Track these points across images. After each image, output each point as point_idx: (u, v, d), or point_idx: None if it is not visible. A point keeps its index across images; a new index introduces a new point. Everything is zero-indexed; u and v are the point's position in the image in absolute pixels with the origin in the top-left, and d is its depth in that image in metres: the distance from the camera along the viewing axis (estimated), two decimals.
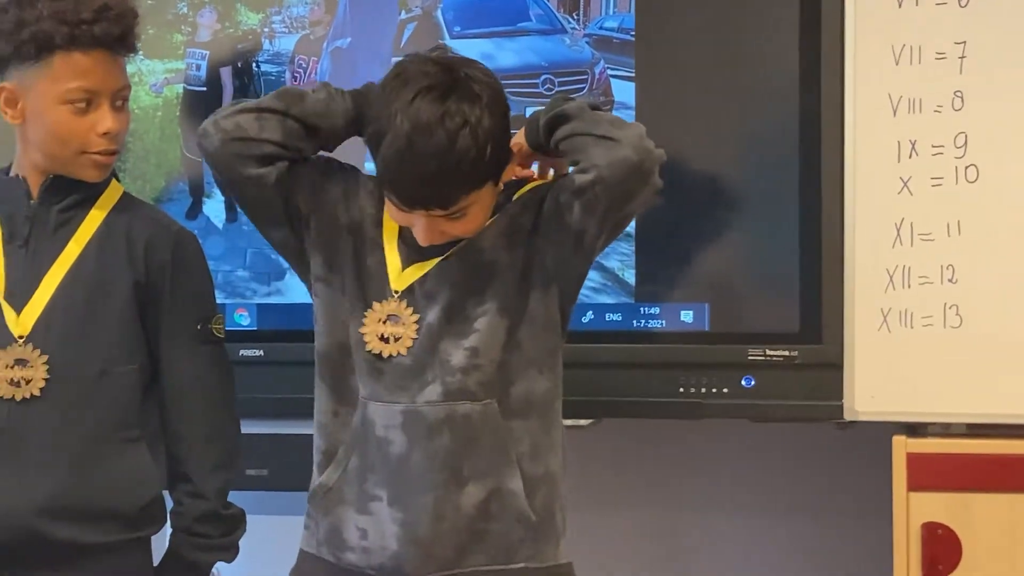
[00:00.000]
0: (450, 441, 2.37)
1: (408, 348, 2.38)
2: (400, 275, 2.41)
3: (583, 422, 2.98)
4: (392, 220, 2.40)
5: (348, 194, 2.47)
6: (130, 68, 3.03)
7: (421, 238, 2.36)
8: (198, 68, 3.22)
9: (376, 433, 2.40)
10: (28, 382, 2.46)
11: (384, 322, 2.39)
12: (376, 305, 2.40)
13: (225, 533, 2.58)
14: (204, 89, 3.22)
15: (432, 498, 2.37)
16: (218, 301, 2.68)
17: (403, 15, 3.12)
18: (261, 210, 2.46)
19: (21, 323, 2.48)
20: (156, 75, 3.22)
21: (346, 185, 2.48)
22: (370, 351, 2.40)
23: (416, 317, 2.39)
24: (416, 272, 2.41)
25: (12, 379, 2.45)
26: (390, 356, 2.38)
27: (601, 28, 3.07)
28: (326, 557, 2.46)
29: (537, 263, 2.42)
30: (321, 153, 2.48)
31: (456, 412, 2.37)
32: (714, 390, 2.98)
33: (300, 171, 2.45)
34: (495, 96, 2.32)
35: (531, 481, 2.41)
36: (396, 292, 2.40)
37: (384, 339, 2.39)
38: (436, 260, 2.40)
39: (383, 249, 2.44)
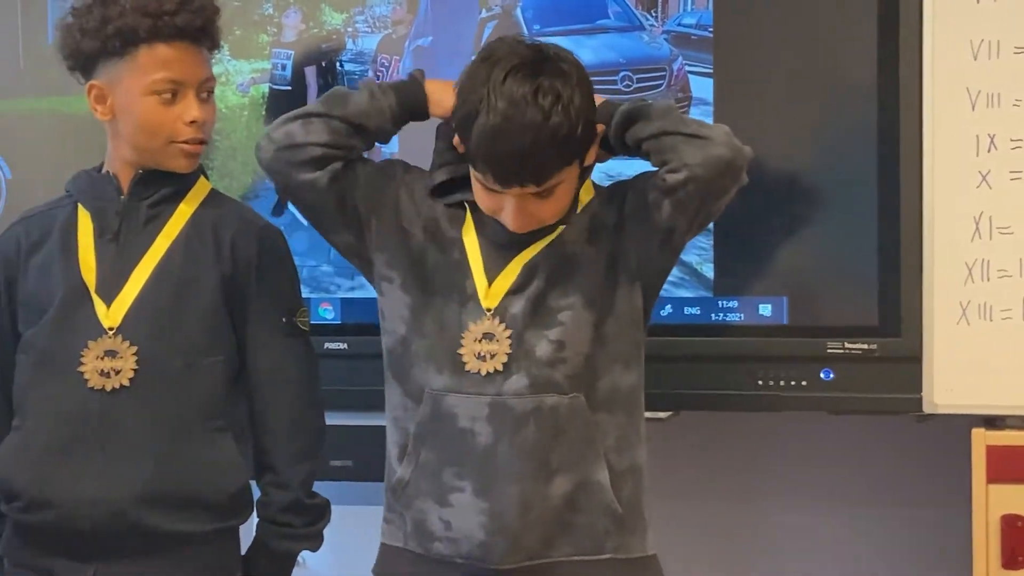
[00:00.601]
0: (537, 432, 2.40)
1: (503, 364, 2.41)
2: (488, 292, 2.44)
3: (662, 415, 2.99)
4: (481, 206, 2.43)
5: (412, 194, 2.52)
6: (217, 68, 3.09)
7: (511, 221, 2.39)
8: (283, 68, 3.26)
9: (459, 425, 2.43)
10: (118, 373, 2.51)
11: (480, 340, 2.43)
12: (472, 326, 2.43)
13: (309, 523, 2.62)
14: (289, 88, 3.25)
15: (519, 489, 2.40)
16: (303, 295, 2.72)
17: (483, 13, 3.14)
18: (320, 214, 2.52)
19: (111, 315, 2.53)
20: (243, 75, 3.27)
21: (409, 186, 2.53)
22: (468, 370, 2.42)
23: (509, 332, 2.42)
24: (504, 284, 2.44)
25: (102, 370, 2.51)
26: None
27: (679, 25, 3.08)
28: (414, 549, 2.50)
29: (622, 259, 2.45)
30: (391, 156, 2.54)
31: (544, 404, 2.40)
32: (792, 383, 2.99)
33: (358, 172, 2.50)
34: (582, 75, 2.37)
35: (617, 474, 2.44)
36: (489, 311, 2.43)
37: (481, 357, 2.42)
38: (519, 261, 2.44)
39: (464, 249, 2.48)
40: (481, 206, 2.43)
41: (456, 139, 2.42)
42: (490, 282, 2.45)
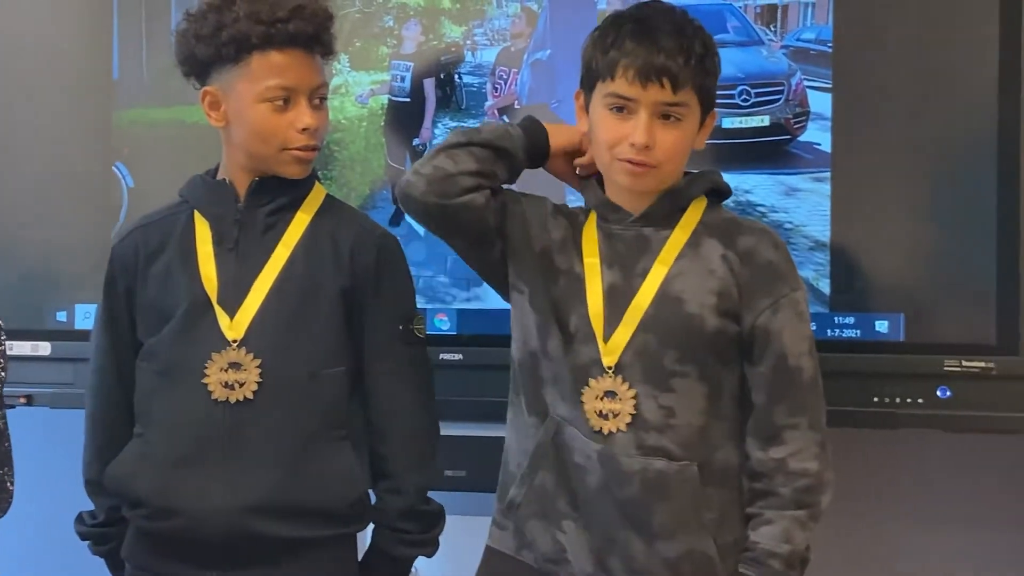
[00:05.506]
0: (641, 494, 2.39)
1: (628, 424, 2.39)
2: (606, 347, 2.41)
3: None
4: (604, 144, 2.41)
5: (538, 218, 2.52)
6: (337, 80, 3.13)
7: (640, 135, 2.36)
8: (402, 79, 3.28)
9: (574, 459, 2.43)
10: (242, 385, 2.53)
11: (601, 398, 2.41)
12: (592, 382, 2.41)
13: (425, 529, 2.64)
14: (408, 100, 3.28)
15: (622, 541, 2.40)
16: (419, 306, 2.73)
17: None
18: (475, 234, 2.49)
19: (234, 327, 2.55)
20: (362, 86, 3.29)
21: (534, 210, 2.53)
22: (591, 428, 2.41)
23: (633, 392, 2.40)
24: (623, 338, 2.41)
25: (226, 382, 2.53)
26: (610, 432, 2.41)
27: (798, 40, 3.08)
28: (527, 561, 2.50)
29: (744, 348, 2.43)
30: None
31: (651, 467, 2.38)
32: (908, 400, 2.97)
33: (498, 197, 2.50)
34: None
35: (721, 548, 2.41)
36: (609, 368, 2.41)
37: (603, 416, 2.40)
38: (636, 310, 2.41)
39: (582, 287, 2.45)
40: (604, 144, 2.41)
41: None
42: (607, 332, 2.43)
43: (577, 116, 2.50)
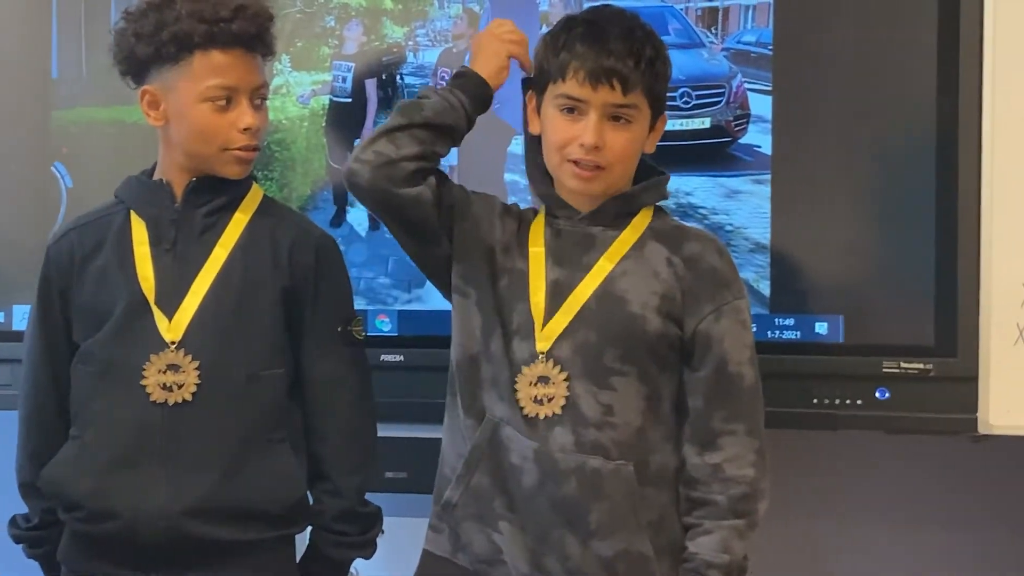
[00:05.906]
0: (577, 492, 2.39)
1: (562, 407, 2.40)
2: (541, 334, 2.42)
3: None
4: (554, 146, 2.43)
5: (487, 217, 2.52)
6: (278, 80, 3.12)
7: (590, 136, 2.38)
8: (344, 80, 3.27)
9: (510, 459, 2.42)
10: (180, 387, 2.51)
11: (535, 384, 2.41)
12: (525, 369, 2.42)
13: (363, 530, 2.64)
14: (349, 100, 3.27)
15: (559, 539, 2.40)
16: (360, 307, 2.73)
17: (543, 29, 3.14)
18: (422, 229, 2.48)
19: (173, 329, 2.53)
20: (303, 86, 3.28)
21: (483, 209, 2.53)
22: (527, 415, 2.41)
23: (565, 375, 2.41)
24: (559, 325, 2.42)
25: (165, 384, 2.52)
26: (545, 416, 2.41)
27: (739, 42, 3.09)
28: (462, 563, 2.50)
29: (685, 353, 2.44)
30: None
31: (587, 465, 2.39)
32: (848, 402, 2.98)
33: (445, 188, 2.49)
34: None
35: (658, 549, 2.41)
36: (542, 353, 2.42)
37: (538, 401, 2.41)
38: (576, 300, 2.42)
39: (526, 282, 2.46)
40: (554, 145, 2.43)
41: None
42: (545, 321, 2.44)
43: (529, 118, 2.50)
